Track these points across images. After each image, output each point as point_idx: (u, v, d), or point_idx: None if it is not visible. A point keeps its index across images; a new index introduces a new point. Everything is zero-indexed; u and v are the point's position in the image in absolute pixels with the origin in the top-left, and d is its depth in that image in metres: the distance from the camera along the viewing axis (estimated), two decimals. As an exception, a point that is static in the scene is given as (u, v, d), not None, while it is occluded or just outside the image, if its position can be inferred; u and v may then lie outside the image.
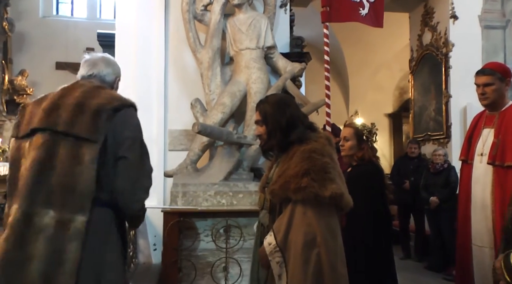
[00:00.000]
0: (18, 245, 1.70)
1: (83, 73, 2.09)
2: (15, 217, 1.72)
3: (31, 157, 1.76)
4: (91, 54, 2.19)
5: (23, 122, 1.86)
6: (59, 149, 1.78)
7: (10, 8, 11.82)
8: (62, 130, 1.80)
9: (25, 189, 1.74)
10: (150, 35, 4.70)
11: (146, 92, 4.69)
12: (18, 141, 1.85)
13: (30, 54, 12.84)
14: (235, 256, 3.87)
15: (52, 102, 1.85)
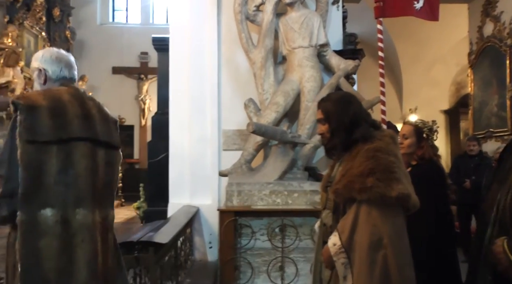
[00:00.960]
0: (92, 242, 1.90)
1: (73, 76, 2.12)
2: (85, 220, 1.87)
3: (82, 165, 1.87)
4: (61, 51, 2.15)
5: (40, 126, 1.80)
6: (98, 155, 1.95)
7: (71, 18, 12.46)
8: (102, 140, 1.98)
9: (87, 194, 1.88)
10: (203, 37, 4.78)
11: (200, 93, 4.78)
12: (36, 145, 1.79)
13: (89, 60, 13.46)
14: (291, 255, 3.86)
15: (81, 110, 1.94)
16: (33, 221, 1.77)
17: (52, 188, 1.80)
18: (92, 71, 13.17)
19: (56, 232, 1.79)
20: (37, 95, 1.88)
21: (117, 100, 13.45)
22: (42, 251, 1.77)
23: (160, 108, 5.58)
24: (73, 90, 2.00)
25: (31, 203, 1.77)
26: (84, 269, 1.85)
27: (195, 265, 4.37)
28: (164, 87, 5.17)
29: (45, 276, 1.77)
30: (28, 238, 1.76)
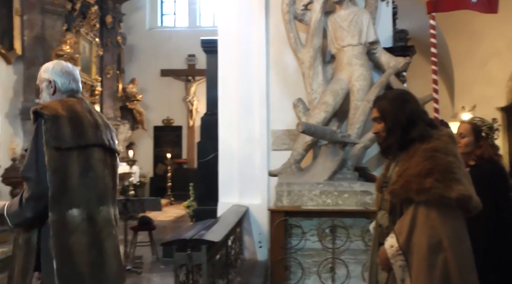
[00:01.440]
0: (115, 236, 2.12)
1: (80, 88, 2.24)
2: (108, 217, 2.08)
3: (100, 168, 2.08)
4: (68, 64, 2.25)
5: (64, 135, 1.96)
6: (107, 161, 2.16)
7: (122, 24, 12.94)
8: (109, 147, 2.18)
9: (106, 193, 2.10)
10: (251, 38, 4.81)
11: (248, 94, 4.82)
12: (61, 151, 1.94)
13: (139, 63, 13.92)
14: (342, 257, 3.81)
15: (93, 120, 2.12)
16: (63, 221, 1.92)
17: (76, 190, 1.96)
18: (142, 74, 13.60)
19: (83, 229, 1.96)
20: (56, 105, 2.01)
21: (165, 102, 13.84)
22: (73, 247, 1.92)
23: (209, 109, 5.67)
24: (82, 101, 2.17)
25: (60, 204, 1.92)
26: (114, 260, 2.05)
27: (245, 264, 4.41)
28: (213, 88, 5.25)
29: (79, 269, 1.92)
30: (60, 236, 1.90)
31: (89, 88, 11.32)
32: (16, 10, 8.96)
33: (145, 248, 5.53)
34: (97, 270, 1.97)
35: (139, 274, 4.62)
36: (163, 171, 13.10)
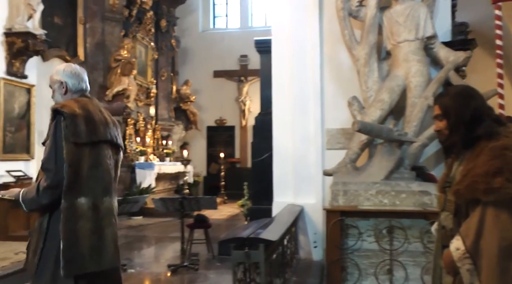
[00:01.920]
0: (115, 223, 2.34)
1: (88, 88, 2.41)
2: (110, 207, 2.30)
3: (107, 162, 2.30)
4: (77, 66, 2.43)
5: (80, 131, 2.17)
6: (113, 155, 2.36)
7: (176, 27, 13.30)
8: (116, 143, 2.38)
9: (110, 186, 2.31)
10: (305, 36, 4.79)
11: (302, 93, 4.80)
12: (77, 146, 2.16)
13: (192, 65, 14.23)
14: (400, 258, 3.71)
15: (103, 118, 2.32)
16: (73, 207, 2.14)
17: (86, 181, 2.18)
18: (195, 76, 13.90)
19: (88, 216, 2.18)
20: (73, 105, 2.22)
21: (218, 102, 14.07)
22: (79, 231, 2.14)
23: (263, 109, 5.70)
24: (93, 100, 2.37)
25: (72, 193, 2.14)
26: (111, 246, 2.26)
27: (300, 263, 4.40)
28: (266, 88, 5.27)
29: (81, 251, 2.14)
30: (69, 221, 2.12)
31: (145, 90, 11.74)
32: (80, 19, 9.46)
33: (201, 245, 5.66)
34: (96, 253, 2.19)
35: (196, 270, 4.73)
36: (216, 171, 13.32)
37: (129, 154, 9.99)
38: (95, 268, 2.18)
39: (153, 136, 11.70)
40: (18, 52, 6.95)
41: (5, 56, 6.94)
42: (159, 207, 4.88)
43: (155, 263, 5.41)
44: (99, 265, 2.20)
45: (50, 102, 2.46)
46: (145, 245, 6.57)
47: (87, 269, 2.15)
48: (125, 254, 5.59)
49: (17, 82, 7.15)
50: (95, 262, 2.18)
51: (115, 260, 2.30)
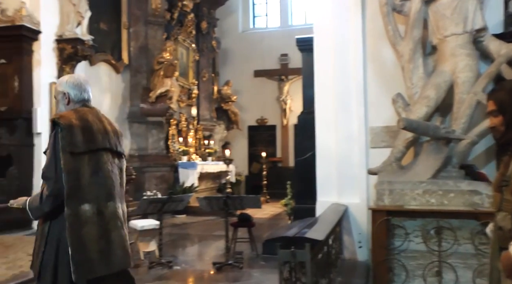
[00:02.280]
0: (122, 227, 2.40)
1: (90, 98, 2.48)
2: (114, 211, 2.36)
3: (107, 169, 2.37)
4: (79, 77, 2.52)
5: (77, 141, 2.25)
6: (114, 162, 2.43)
7: (216, 29, 13.47)
8: (117, 151, 2.46)
9: (113, 190, 2.37)
10: (347, 33, 4.72)
11: (345, 91, 4.73)
12: (75, 155, 2.24)
13: (232, 65, 14.37)
14: (449, 260, 3.59)
15: (102, 127, 2.40)
16: (76, 214, 2.21)
17: (88, 188, 2.26)
18: (236, 76, 14.03)
19: (94, 221, 2.26)
20: (71, 116, 2.29)
21: (259, 102, 14.13)
22: (85, 236, 2.22)
23: (306, 107, 5.68)
24: (93, 110, 2.44)
25: (74, 200, 2.22)
26: (119, 249, 2.33)
27: (345, 264, 4.35)
28: (309, 87, 5.24)
29: (90, 256, 2.21)
30: (74, 227, 2.20)
31: (187, 91, 11.95)
32: (124, 24, 9.77)
33: (244, 244, 5.71)
34: (105, 256, 2.27)
35: (241, 268, 4.77)
36: (258, 170, 13.38)
37: (172, 154, 10.21)
38: (105, 271, 2.26)
39: (195, 136, 11.91)
40: (68, 57, 7.27)
41: (56, 61, 7.27)
42: (203, 205, 4.96)
43: (200, 261, 5.50)
44: (109, 268, 2.28)
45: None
46: (189, 243, 6.70)
47: (97, 273, 2.23)
48: (170, 251, 5.72)
49: (67, 86, 7.46)
50: (105, 265, 2.26)
51: (125, 262, 2.37)
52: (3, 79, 7.00)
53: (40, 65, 7.03)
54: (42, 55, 7.05)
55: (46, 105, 7.06)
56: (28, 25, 6.80)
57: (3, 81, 7.01)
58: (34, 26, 6.91)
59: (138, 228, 5.40)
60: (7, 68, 7.01)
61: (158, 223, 5.27)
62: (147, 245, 5.38)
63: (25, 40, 6.90)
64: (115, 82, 9.65)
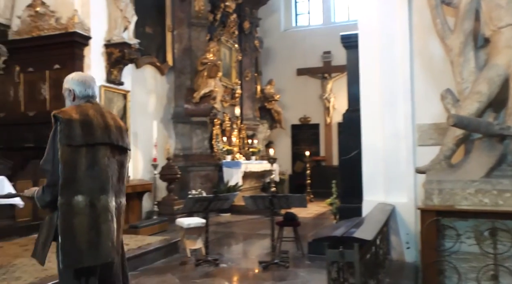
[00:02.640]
0: (112, 220, 2.45)
1: (94, 94, 2.60)
2: (106, 204, 2.42)
3: (104, 163, 2.44)
4: (85, 75, 2.69)
5: (75, 134, 2.34)
6: (114, 156, 2.52)
7: (259, 28, 13.53)
8: (118, 145, 2.54)
9: (107, 185, 2.44)
10: (393, 28, 4.60)
11: (391, 87, 4.62)
12: (72, 148, 2.34)
13: (275, 64, 14.38)
14: (506, 264, 3.42)
15: (103, 122, 2.48)
16: (69, 204, 2.31)
17: (82, 180, 2.35)
18: (278, 75, 14.03)
19: (86, 212, 2.34)
20: (71, 111, 2.42)
21: (302, 100, 14.06)
22: (76, 226, 2.31)
23: (351, 105, 5.59)
24: (96, 106, 2.56)
25: (68, 190, 2.32)
26: (107, 241, 2.38)
27: (392, 265, 4.25)
28: (354, 84, 5.16)
29: (79, 246, 2.30)
30: (66, 216, 2.30)
31: (230, 91, 12.08)
32: (168, 27, 10.00)
33: (289, 243, 5.70)
34: (93, 248, 2.33)
35: (287, 268, 4.75)
36: (302, 169, 13.32)
37: (216, 153, 10.34)
38: (92, 262, 2.33)
39: (238, 136, 12.01)
40: (115, 61, 7.53)
41: (105, 65, 7.55)
42: (249, 204, 4.98)
43: (245, 259, 5.54)
44: (96, 260, 2.34)
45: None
46: (234, 241, 6.76)
47: (84, 263, 2.31)
48: (216, 249, 5.80)
49: (115, 89, 7.74)
50: (93, 256, 2.33)
51: (111, 254, 2.42)
52: (57, 84, 7.33)
53: (90, 69, 7.31)
54: (92, 60, 7.34)
55: (96, 107, 7.34)
56: (79, 31, 7.09)
57: (57, 86, 7.32)
58: (85, 32, 7.20)
59: (184, 226, 5.51)
60: (61, 73, 7.32)
61: (204, 221, 5.35)
62: (193, 243, 5.48)
63: (77, 46, 7.20)
64: (160, 84, 9.89)
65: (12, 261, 4.47)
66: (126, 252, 4.61)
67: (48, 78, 7.44)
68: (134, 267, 4.86)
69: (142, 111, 8.99)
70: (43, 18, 7.35)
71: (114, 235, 2.46)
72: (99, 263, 2.37)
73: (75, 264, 2.32)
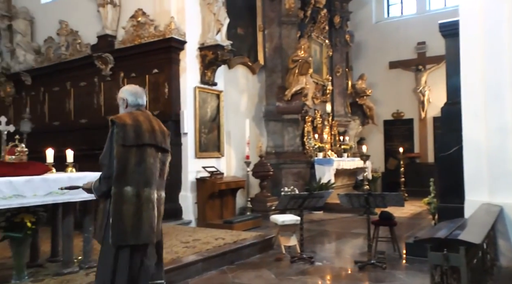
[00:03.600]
0: (153, 209, 2.92)
1: (143, 103, 3.10)
2: (149, 196, 2.89)
3: (150, 161, 2.92)
4: (137, 87, 3.15)
5: (128, 136, 2.82)
6: (157, 156, 2.99)
7: (349, 22, 13.24)
8: (161, 146, 3.02)
9: (152, 179, 2.91)
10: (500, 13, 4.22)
11: (496, 77, 4.27)
12: (125, 147, 2.81)
13: (366, 59, 13.97)
14: None
15: (150, 127, 2.97)
16: (120, 194, 2.79)
17: (131, 174, 2.83)
18: (370, 69, 13.60)
19: (132, 201, 2.82)
20: (125, 117, 2.91)
21: (395, 95, 13.50)
22: (124, 212, 2.79)
23: (450, 98, 5.24)
24: (145, 113, 3.04)
25: (120, 182, 2.80)
26: (147, 226, 2.86)
27: (501, 272, 3.92)
28: (453, 75, 4.84)
29: (125, 228, 2.79)
30: (117, 203, 2.78)
31: (321, 88, 11.96)
32: (259, 27, 10.18)
33: (385, 243, 5.51)
34: (135, 230, 2.82)
35: (384, 269, 4.59)
36: (395, 166, 12.80)
37: (308, 151, 10.32)
38: (133, 242, 2.82)
39: (330, 132, 11.86)
40: (209, 63, 7.84)
41: (199, 67, 7.90)
42: (344, 202, 4.90)
43: (340, 258, 5.46)
44: (137, 240, 2.83)
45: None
46: (327, 240, 6.70)
47: (128, 242, 2.80)
48: (309, 246, 5.80)
49: (208, 89, 8.06)
50: (134, 237, 2.81)
51: (149, 237, 2.89)
52: (155, 87, 7.85)
53: (185, 72, 7.72)
54: (187, 63, 7.73)
55: (191, 108, 7.73)
56: (176, 37, 7.51)
57: (156, 89, 7.86)
58: (181, 37, 7.60)
59: (278, 223, 5.58)
60: (159, 77, 7.84)
61: (298, 218, 5.37)
62: (287, 240, 5.53)
63: (173, 51, 7.64)
64: (252, 83, 10.11)
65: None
66: (222, 246, 4.92)
67: (147, 82, 7.97)
68: (230, 261, 5.04)
69: (234, 110, 9.27)
70: (144, 27, 7.89)
71: (154, 222, 2.93)
72: (140, 243, 2.85)
73: (120, 242, 2.80)
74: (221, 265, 4.90)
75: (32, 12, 10.51)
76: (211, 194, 7.36)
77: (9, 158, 4.25)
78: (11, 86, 10.46)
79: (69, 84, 9.23)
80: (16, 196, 3.54)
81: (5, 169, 3.84)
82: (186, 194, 7.58)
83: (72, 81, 9.20)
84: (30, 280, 3.88)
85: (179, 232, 6.15)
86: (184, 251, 4.96)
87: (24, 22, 10.34)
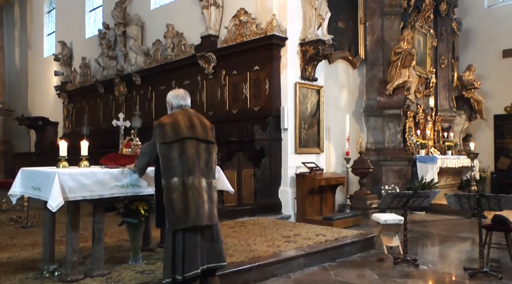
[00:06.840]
0: (198, 195, 3.36)
1: (186, 104, 3.62)
2: (193, 183, 3.34)
3: (191, 152, 3.37)
4: (180, 90, 3.72)
5: (167, 134, 3.35)
6: (200, 148, 3.45)
7: (457, 9, 12.34)
8: (202, 138, 3.47)
9: (194, 168, 3.36)
10: None
11: None
12: (166, 144, 3.34)
13: (475, 47, 12.96)
14: None
15: (189, 122, 3.45)
16: (169, 185, 3.29)
17: (176, 166, 3.31)
18: (479, 59, 12.60)
19: (179, 189, 3.30)
20: (164, 118, 3.44)
21: (508, 87, 12.37)
22: (174, 200, 3.28)
23: None
24: (185, 111, 3.54)
25: (167, 175, 3.30)
26: (193, 210, 3.30)
27: None
28: None
29: (175, 212, 3.27)
30: (167, 193, 3.29)
31: (424, 81, 11.37)
32: (360, 19, 9.96)
33: (499, 250, 5.13)
34: (184, 214, 3.27)
35: (500, 279, 4.25)
36: (507, 166, 11.79)
37: (410, 148, 9.91)
38: (184, 225, 3.26)
39: (433, 128, 11.26)
40: (309, 58, 7.86)
41: (299, 63, 7.95)
42: (452, 203, 4.63)
43: (446, 263, 5.18)
44: (186, 223, 3.27)
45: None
46: (430, 242, 6.40)
47: (180, 226, 3.26)
48: (412, 248, 5.59)
49: (309, 85, 8.09)
50: (184, 221, 3.26)
51: (197, 220, 3.30)
52: (257, 84, 8.06)
53: (286, 68, 7.81)
54: (288, 59, 7.82)
55: (291, 103, 7.81)
56: (277, 33, 7.63)
57: (257, 85, 8.07)
58: (282, 33, 7.70)
59: (381, 222, 5.46)
60: (260, 74, 8.03)
61: (401, 218, 5.21)
62: (390, 240, 5.39)
63: (275, 47, 7.78)
64: (352, 77, 9.93)
65: (223, 240, 5.11)
66: (323, 242, 5.00)
67: (248, 79, 8.22)
68: (332, 258, 5.05)
69: (334, 106, 9.19)
70: (246, 25, 8.12)
71: (200, 206, 3.32)
72: (189, 226, 3.27)
73: (174, 227, 3.27)
74: (322, 261, 4.92)
75: (143, 18, 11.40)
76: (310, 190, 7.40)
77: (126, 151, 4.66)
78: (124, 86, 11.53)
79: (174, 83, 9.85)
80: (132, 185, 3.85)
81: (123, 160, 4.22)
82: (285, 189, 7.71)
83: (177, 80, 9.81)
84: (144, 262, 4.22)
85: (279, 226, 6.28)
86: (286, 245, 5.07)
87: (136, 28, 11.28)
